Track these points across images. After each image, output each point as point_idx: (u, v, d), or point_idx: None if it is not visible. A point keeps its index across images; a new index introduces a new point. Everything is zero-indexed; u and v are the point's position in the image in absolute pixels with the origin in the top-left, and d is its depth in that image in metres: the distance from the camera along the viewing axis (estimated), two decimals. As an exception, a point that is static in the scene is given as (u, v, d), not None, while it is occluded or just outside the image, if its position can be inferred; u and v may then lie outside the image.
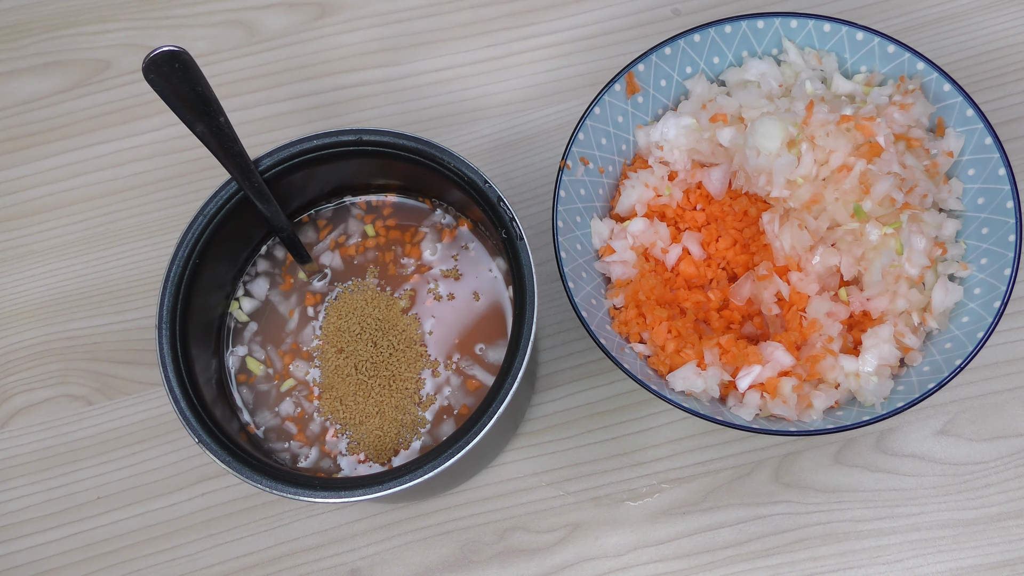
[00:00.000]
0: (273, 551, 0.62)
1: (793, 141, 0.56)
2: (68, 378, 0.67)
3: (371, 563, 0.61)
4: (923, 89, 0.60)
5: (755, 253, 0.60)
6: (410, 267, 0.57)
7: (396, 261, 0.57)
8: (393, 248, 0.58)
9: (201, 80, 0.49)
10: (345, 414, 0.55)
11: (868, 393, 0.56)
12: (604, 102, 0.61)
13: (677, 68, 0.63)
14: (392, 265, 0.57)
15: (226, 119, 0.51)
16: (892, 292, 0.57)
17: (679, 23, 0.72)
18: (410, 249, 0.57)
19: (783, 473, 0.61)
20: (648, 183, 0.61)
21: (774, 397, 0.56)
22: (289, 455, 0.55)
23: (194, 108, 0.50)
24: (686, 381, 0.56)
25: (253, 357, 0.57)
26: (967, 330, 0.56)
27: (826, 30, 0.62)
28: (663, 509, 0.61)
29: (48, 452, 0.65)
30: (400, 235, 0.58)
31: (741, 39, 0.63)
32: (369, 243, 0.58)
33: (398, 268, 0.57)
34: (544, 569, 0.60)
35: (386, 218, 0.59)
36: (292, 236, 0.57)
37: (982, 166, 0.58)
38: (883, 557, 0.59)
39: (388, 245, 0.58)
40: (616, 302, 0.60)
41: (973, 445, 0.61)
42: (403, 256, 0.57)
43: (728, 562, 0.60)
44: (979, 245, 0.58)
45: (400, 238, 0.58)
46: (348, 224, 0.59)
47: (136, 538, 0.63)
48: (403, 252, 0.57)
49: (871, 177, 0.55)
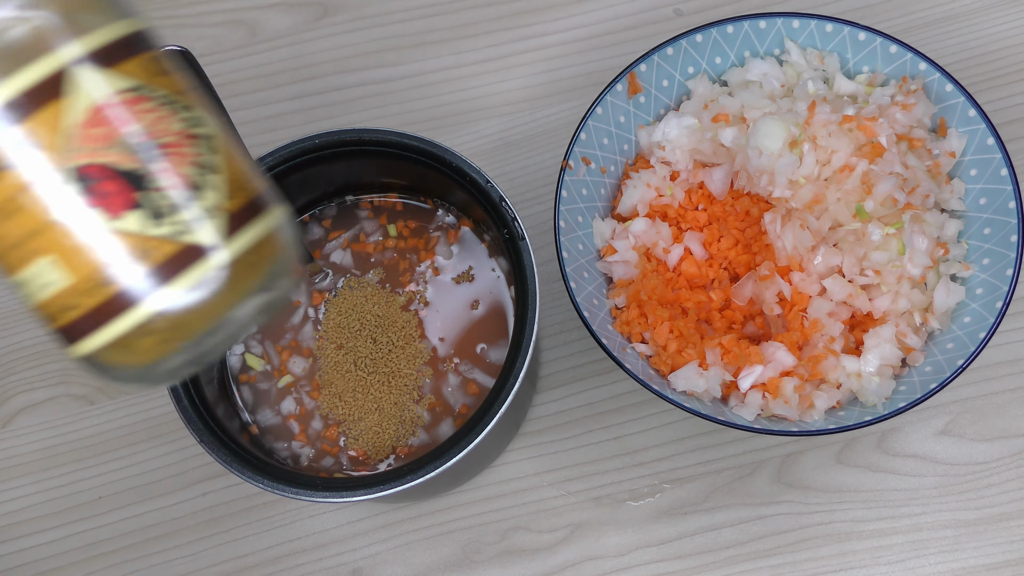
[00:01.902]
0: (274, 551, 0.62)
1: (795, 141, 0.56)
2: (70, 377, 0.67)
3: (372, 563, 0.61)
4: (925, 89, 0.60)
5: (757, 253, 0.60)
6: (422, 269, 0.57)
7: (411, 268, 0.57)
8: (408, 256, 0.57)
9: (203, 79, 0.49)
10: (344, 410, 0.55)
11: (870, 393, 0.56)
12: (606, 102, 0.61)
13: (679, 68, 0.63)
14: (404, 265, 0.57)
15: (228, 118, 0.51)
16: (894, 292, 0.57)
17: (681, 23, 0.72)
18: (424, 255, 0.57)
19: (785, 473, 0.61)
20: (650, 183, 0.61)
21: (776, 397, 0.56)
22: (290, 454, 0.55)
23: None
24: (688, 381, 0.56)
25: (251, 353, 0.57)
26: (969, 330, 0.56)
27: (828, 30, 0.62)
28: (665, 509, 0.61)
29: (50, 452, 0.65)
30: (417, 241, 0.58)
31: (743, 39, 0.63)
32: (389, 243, 0.58)
33: (409, 269, 0.57)
34: (546, 569, 0.60)
35: (405, 219, 0.58)
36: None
37: (984, 166, 0.58)
38: (885, 557, 0.59)
39: (405, 250, 0.57)
40: (618, 302, 0.60)
41: (975, 445, 0.61)
42: (418, 263, 0.57)
43: (730, 562, 0.60)
44: (981, 245, 0.58)
45: (416, 244, 0.58)
46: (363, 225, 0.58)
47: (137, 537, 0.63)
48: (418, 259, 0.57)
49: (873, 177, 0.55)
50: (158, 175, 0.28)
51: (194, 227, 0.28)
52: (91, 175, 0.27)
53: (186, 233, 0.28)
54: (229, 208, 0.29)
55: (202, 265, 0.28)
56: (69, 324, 0.29)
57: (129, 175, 0.27)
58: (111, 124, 0.27)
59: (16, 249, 0.28)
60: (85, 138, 0.27)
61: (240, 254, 0.29)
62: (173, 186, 0.28)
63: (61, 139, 0.27)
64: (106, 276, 0.28)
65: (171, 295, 0.28)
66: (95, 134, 0.27)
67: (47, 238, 0.27)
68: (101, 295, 0.28)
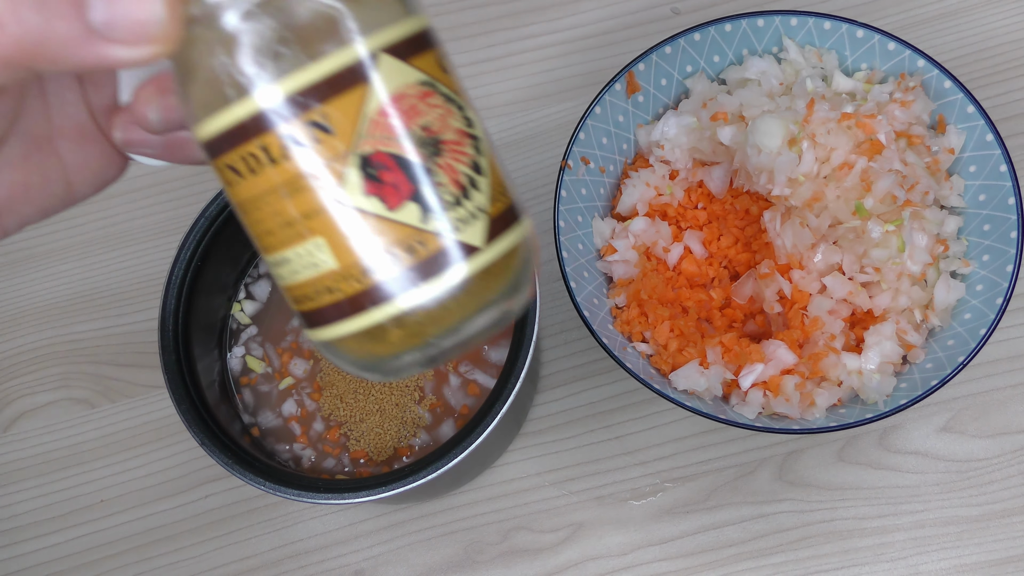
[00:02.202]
0: (277, 553, 0.62)
1: (794, 139, 0.56)
2: (70, 381, 0.67)
3: (375, 564, 0.61)
4: (924, 86, 0.60)
5: (757, 251, 0.60)
6: None
7: None
8: None
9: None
10: (345, 412, 0.55)
11: (871, 391, 0.56)
12: (605, 101, 0.61)
13: (677, 67, 0.63)
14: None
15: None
16: (894, 289, 0.57)
17: (679, 22, 0.72)
18: None
19: (786, 471, 0.61)
20: (649, 182, 0.61)
21: (777, 395, 0.56)
22: (291, 456, 0.55)
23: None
24: (689, 380, 0.56)
25: (252, 355, 0.57)
26: (969, 327, 0.56)
27: (826, 28, 0.62)
28: (666, 508, 0.61)
29: (51, 456, 0.65)
30: None
31: (741, 37, 0.63)
32: None
33: None
34: (548, 569, 0.60)
35: None
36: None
37: (983, 163, 0.58)
38: (887, 554, 0.59)
39: None
40: (618, 301, 0.60)
41: (976, 442, 0.61)
42: None
43: (732, 560, 0.60)
44: (981, 242, 0.58)
45: None
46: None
47: (139, 541, 0.63)
48: None
49: (872, 174, 0.55)
50: (438, 171, 0.28)
51: (461, 226, 0.29)
52: (377, 163, 0.27)
53: (454, 232, 0.28)
54: (491, 212, 0.30)
55: (463, 265, 0.29)
56: (321, 308, 0.29)
57: (411, 167, 0.28)
58: (402, 115, 0.28)
59: (289, 227, 0.28)
60: (376, 126, 0.27)
61: (496, 259, 0.30)
62: (449, 183, 0.28)
63: (355, 125, 0.27)
64: (370, 265, 0.28)
65: (429, 291, 0.28)
66: (386, 123, 0.27)
67: (322, 220, 0.28)
68: (362, 283, 0.28)
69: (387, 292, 0.28)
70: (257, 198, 0.28)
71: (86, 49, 0.26)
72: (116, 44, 0.26)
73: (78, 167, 0.34)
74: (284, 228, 0.28)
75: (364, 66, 0.27)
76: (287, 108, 0.27)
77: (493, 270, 0.29)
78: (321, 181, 0.27)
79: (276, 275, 0.30)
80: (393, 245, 0.28)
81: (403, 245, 0.28)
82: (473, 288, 0.29)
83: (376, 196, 0.27)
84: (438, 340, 0.29)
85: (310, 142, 0.27)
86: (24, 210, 0.33)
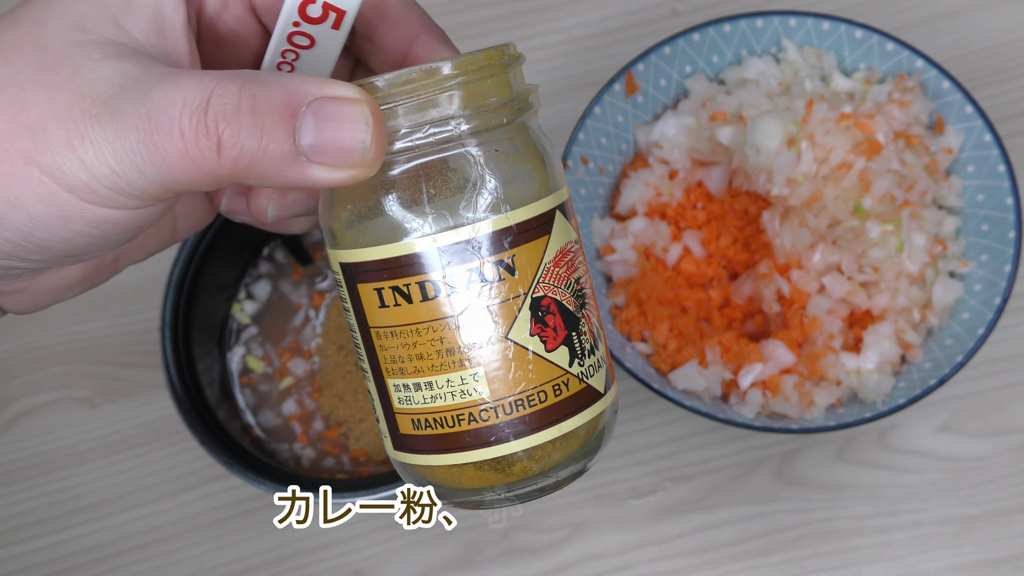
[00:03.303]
0: (277, 552, 0.62)
1: (793, 139, 0.56)
2: (71, 381, 0.67)
3: (374, 563, 0.61)
4: (922, 86, 0.60)
5: (756, 251, 0.60)
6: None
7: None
8: None
9: None
10: (344, 411, 0.55)
11: (869, 390, 0.56)
12: (604, 102, 0.61)
13: (676, 67, 0.63)
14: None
15: None
16: (893, 289, 0.57)
17: (678, 22, 0.72)
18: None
19: (785, 470, 0.61)
20: (648, 182, 0.62)
21: (776, 395, 0.56)
22: (291, 456, 0.55)
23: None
24: (688, 379, 0.56)
25: (252, 355, 0.57)
26: (968, 326, 0.56)
27: (825, 28, 0.62)
28: (665, 507, 0.61)
29: (52, 455, 0.65)
30: None
31: (740, 38, 0.63)
32: None
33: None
34: (547, 568, 0.60)
35: None
36: (294, 237, 0.57)
37: (981, 163, 0.58)
38: (886, 553, 0.59)
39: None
40: (617, 301, 0.60)
41: (975, 441, 0.61)
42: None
43: (731, 559, 0.60)
44: (979, 242, 0.58)
45: None
46: None
47: (140, 540, 0.63)
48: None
49: (871, 174, 0.55)
50: (583, 321, 0.31)
51: (593, 373, 0.31)
52: (544, 307, 0.30)
53: (588, 378, 0.31)
54: (608, 364, 0.33)
55: (590, 409, 0.31)
56: (455, 433, 0.31)
57: (568, 314, 0.31)
58: (566, 266, 0.31)
59: (452, 355, 0.30)
60: (548, 274, 0.30)
61: (609, 405, 0.33)
62: (588, 334, 0.31)
63: (535, 270, 0.30)
64: (522, 399, 0.30)
65: (564, 427, 0.31)
66: (556, 272, 0.30)
67: (486, 352, 0.30)
68: (508, 414, 0.30)
69: (528, 425, 0.30)
70: (413, 325, 0.30)
71: (292, 169, 0.27)
72: (320, 166, 0.27)
73: (184, 216, 0.37)
74: (442, 355, 0.30)
75: (550, 219, 0.30)
76: (484, 246, 0.29)
77: (600, 419, 0.32)
78: (495, 316, 0.29)
79: (400, 397, 0.31)
80: (543, 384, 0.30)
81: (550, 384, 0.30)
82: (584, 435, 0.31)
83: (538, 336, 0.30)
84: (529, 482, 0.31)
85: (495, 280, 0.29)
86: (136, 255, 0.36)
